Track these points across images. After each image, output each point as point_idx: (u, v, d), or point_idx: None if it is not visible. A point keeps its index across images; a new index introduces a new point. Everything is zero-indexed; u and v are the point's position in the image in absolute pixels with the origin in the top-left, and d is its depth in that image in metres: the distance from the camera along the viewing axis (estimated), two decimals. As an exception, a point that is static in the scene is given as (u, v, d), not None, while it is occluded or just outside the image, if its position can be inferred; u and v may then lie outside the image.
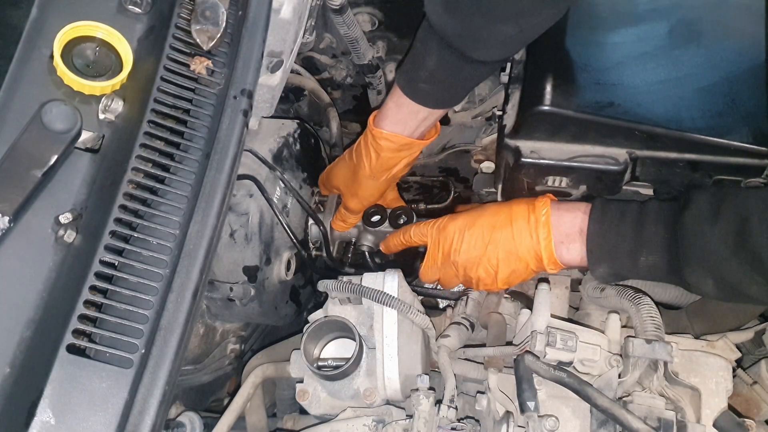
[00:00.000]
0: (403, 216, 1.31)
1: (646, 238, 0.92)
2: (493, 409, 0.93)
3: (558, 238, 0.98)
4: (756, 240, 0.81)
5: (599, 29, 1.08)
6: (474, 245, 1.04)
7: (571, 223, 0.98)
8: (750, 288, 0.84)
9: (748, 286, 0.84)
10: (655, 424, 0.90)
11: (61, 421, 0.68)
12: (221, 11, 0.90)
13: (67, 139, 0.76)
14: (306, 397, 1.01)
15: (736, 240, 0.83)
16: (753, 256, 0.82)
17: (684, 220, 0.89)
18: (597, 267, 0.97)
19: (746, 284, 0.84)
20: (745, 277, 0.84)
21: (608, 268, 0.96)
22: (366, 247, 1.36)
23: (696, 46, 1.05)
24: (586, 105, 1.00)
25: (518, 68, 1.13)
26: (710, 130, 0.99)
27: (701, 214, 0.87)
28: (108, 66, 0.84)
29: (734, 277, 0.85)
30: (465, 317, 1.12)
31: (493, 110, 1.52)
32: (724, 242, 0.84)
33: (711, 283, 0.87)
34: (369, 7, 1.53)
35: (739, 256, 0.83)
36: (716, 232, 0.85)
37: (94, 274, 0.73)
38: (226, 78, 0.90)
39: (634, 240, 0.93)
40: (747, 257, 0.83)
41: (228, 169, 0.85)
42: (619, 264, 0.95)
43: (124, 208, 0.77)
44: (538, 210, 1.00)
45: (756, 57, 1.03)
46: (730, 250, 0.84)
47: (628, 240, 0.93)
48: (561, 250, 0.98)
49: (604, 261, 0.96)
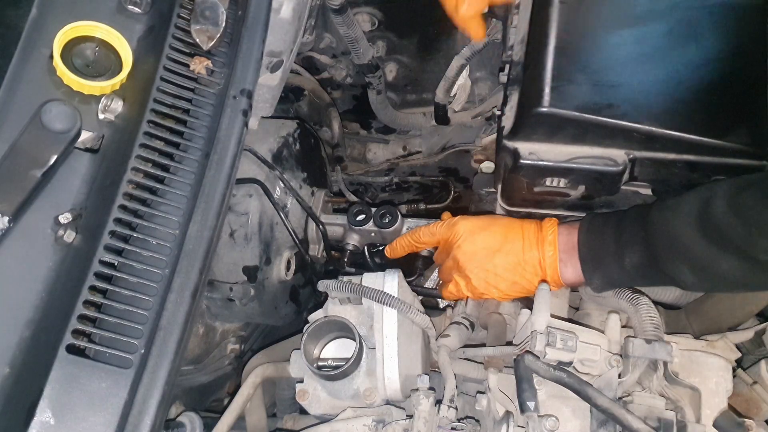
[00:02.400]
0: (387, 215, 1.31)
1: (625, 239, 0.95)
2: (493, 409, 0.93)
3: (559, 257, 1.01)
4: (719, 216, 0.83)
5: (598, 30, 1.08)
6: (482, 247, 1.05)
7: (567, 239, 1.01)
8: (720, 266, 0.85)
9: (718, 264, 0.85)
10: (655, 424, 0.90)
11: (61, 421, 0.68)
12: (221, 11, 0.90)
13: (67, 139, 0.76)
14: (306, 397, 1.01)
15: (699, 220, 0.86)
16: (717, 232, 0.84)
17: (651, 213, 0.92)
18: (592, 277, 1.00)
19: (716, 263, 0.85)
20: (713, 255, 0.85)
21: (601, 277, 0.99)
22: (351, 246, 1.35)
23: (695, 46, 1.05)
24: (584, 106, 1.00)
25: (517, 69, 1.13)
26: (709, 131, 0.99)
27: (666, 205, 0.92)
28: (108, 66, 0.84)
29: (704, 258, 0.86)
30: (465, 317, 1.12)
31: (493, 110, 1.52)
32: (687, 224, 0.87)
33: (686, 270, 0.89)
34: (369, 7, 1.53)
35: (704, 236, 0.85)
36: (679, 217, 0.88)
37: (93, 274, 0.73)
38: (225, 78, 0.90)
39: (615, 243, 0.96)
40: (712, 235, 0.84)
41: (227, 168, 0.85)
42: (609, 269, 0.97)
43: (124, 208, 0.77)
44: (545, 229, 1.03)
45: (755, 57, 1.03)
46: (694, 230, 0.86)
47: (611, 244, 0.96)
48: (561, 268, 1.01)
49: (596, 269, 0.99)
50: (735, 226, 0.82)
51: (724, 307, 1.08)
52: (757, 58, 1.03)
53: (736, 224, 0.82)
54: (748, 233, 0.81)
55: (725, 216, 0.83)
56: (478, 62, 1.49)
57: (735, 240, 0.82)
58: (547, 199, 1.13)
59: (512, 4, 1.22)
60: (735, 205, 0.83)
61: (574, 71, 1.04)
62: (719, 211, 0.83)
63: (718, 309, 1.09)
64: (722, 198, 0.84)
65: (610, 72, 1.04)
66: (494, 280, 1.04)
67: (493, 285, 1.05)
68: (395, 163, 1.78)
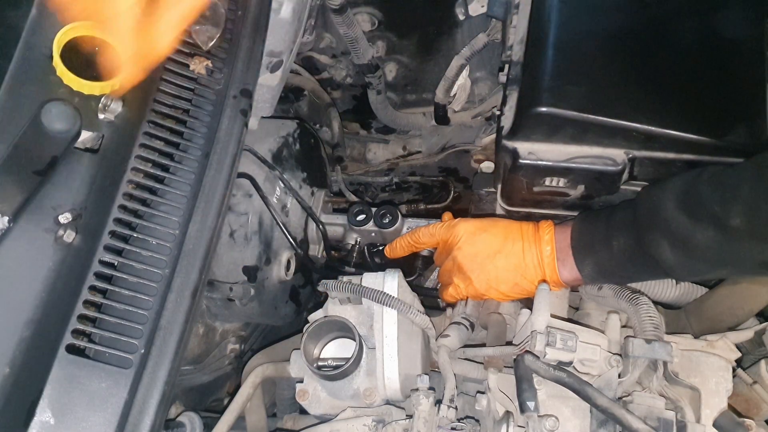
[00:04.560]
0: (387, 215, 1.31)
1: (614, 223, 0.97)
2: (493, 409, 0.93)
3: (556, 255, 1.02)
4: (699, 189, 0.86)
5: (597, 29, 1.08)
6: (482, 249, 1.05)
7: (562, 237, 1.03)
8: (696, 237, 0.86)
9: (694, 236, 0.86)
10: (655, 424, 0.90)
11: (61, 421, 0.68)
12: (221, 11, 0.90)
13: (67, 139, 0.76)
14: (306, 397, 1.01)
15: (682, 195, 0.88)
16: (695, 204, 0.86)
17: (640, 194, 0.96)
18: (583, 266, 1.01)
19: (692, 234, 0.86)
20: (689, 226, 0.86)
21: (592, 264, 1.00)
22: (353, 241, 1.36)
23: (694, 46, 1.05)
24: (583, 106, 1.00)
25: (516, 69, 1.13)
26: (708, 130, 0.99)
27: (655, 185, 0.94)
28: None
29: (681, 230, 0.87)
30: (465, 317, 1.12)
31: (493, 110, 1.52)
32: (669, 199, 0.89)
33: (666, 245, 0.90)
34: (369, 6, 1.53)
35: (683, 209, 0.87)
36: (664, 192, 0.91)
37: (93, 274, 0.73)
38: (225, 78, 0.90)
39: (606, 227, 0.98)
40: (690, 207, 0.87)
41: (227, 168, 0.85)
42: (599, 256, 0.99)
43: (124, 208, 0.77)
44: (542, 230, 1.04)
45: (754, 56, 1.03)
46: (674, 203, 0.88)
47: (601, 229, 0.99)
48: (559, 266, 1.02)
49: (587, 256, 1.00)
50: (710, 196, 0.85)
51: (724, 307, 1.08)
52: (756, 57, 1.03)
53: (711, 194, 0.85)
54: (721, 199, 0.83)
55: (704, 188, 0.86)
56: (478, 62, 1.49)
57: (709, 208, 0.84)
58: (546, 199, 1.13)
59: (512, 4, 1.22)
60: (715, 180, 0.86)
61: (574, 71, 1.04)
62: (700, 187, 0.87)
63: (718, 309, 1.09)
64: (706, 176, 0.87)
65: (609, 71, 1.04)
66: (495, 281, 1.05)
67: (495, 286, 1.05)
68: (395, 163, 1.79)
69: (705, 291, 1.10)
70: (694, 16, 1.06)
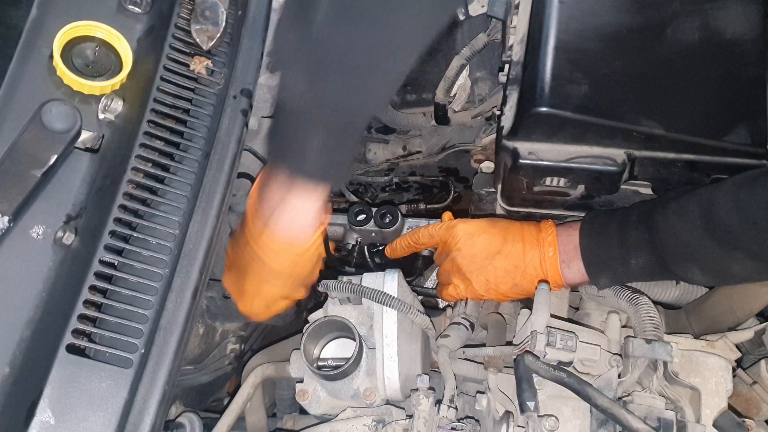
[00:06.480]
0: (388, 215, 1.31)
1: (630, 243, 0.96)
2: (493, 409, 0.93)
3: (560, 257, 1.02)
4: (724, 216, 0.84)
5: (597, 30, 1.08)
6: (482, 250, 1.05)
7: (567, 240, 1.02)
8: (732, 267, 0.86)
9: (730, 266, 0.86)
10: (655, 424, 0.90)
11: (61, 420, 0.68)
12: (221, 11, 0.90)
13: (67, 138, 0.76)
14: (306, 397, 1.01)
15: (706, 223, 0.86)
16: (726, 234, 0.84)
17: (655, 218, 0.93)
18: (598, 279, 1.01)
19: (728, 265, 0.86)
20: (724, 257, 0.86)
21: (608, 277, 1.00)
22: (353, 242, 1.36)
23: (695, 46, 1.05)
24: (583, 106, 1.00)
25: (516, 69, 1.13)
26: (708, 130, 0.99)
27: (669, 210, 0.92)
28: (108, 66, 0.84)
29: (715, 261, 0.87)
30: (465, 317, 1.12)
31: (493, 110, 1.52)
32: (695, 228, 0.87)
33: (697, 271, 0.90)
34: (369, 7, 1.53)
35: (713, 239, 0.86)
36: (686, 222, 0.89)
37: (93, 274, 0.73)
38: (225, 78, 0.90)
39: (620, 247, 0.97)
40: (721, 237, 0.85)
41: (228, 168, 0.85)
42: (616, 272, 0.99)
43: (124, 208, 0.77)
44: (544, 231, 1.04)
45: (754, 56, 1.03)
46: (703, 233, 0.86)
47: (615, 248, 0.97)
48: (563, 268, 1.02)
49: (603, 273, 1.00)
50: (744, 228, 0.82)
51: (724, 307, 1.08)
52: (756, 57, 1.03)
53: (744, 226, 0.82)
54: (759, 236, 0.81)
55: (730, 216, 0.83)
56: (478, 62, 1.49)
57: (745, 242, 0.83)
58: (546, 199, 1.13)
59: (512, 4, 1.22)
60: (739, 206, 0.83)
61: (574, 71, 1.04)
62: (724, 212, 0.84)
63: (718, 309, 1.09)
64: (725, 198, 0.85)
65: (609, 71, 1.04)
66: (495, 282, 1.05)
67: (494, 287, 1.05)
68: (395, 163, 1.78)
69: (705, 291, 1.10)
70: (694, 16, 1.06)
